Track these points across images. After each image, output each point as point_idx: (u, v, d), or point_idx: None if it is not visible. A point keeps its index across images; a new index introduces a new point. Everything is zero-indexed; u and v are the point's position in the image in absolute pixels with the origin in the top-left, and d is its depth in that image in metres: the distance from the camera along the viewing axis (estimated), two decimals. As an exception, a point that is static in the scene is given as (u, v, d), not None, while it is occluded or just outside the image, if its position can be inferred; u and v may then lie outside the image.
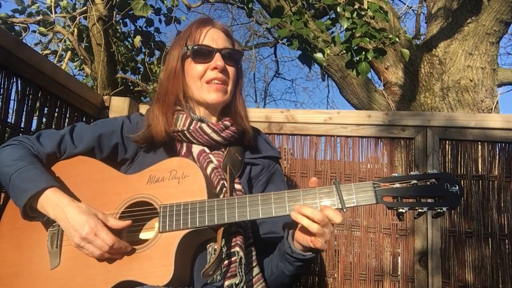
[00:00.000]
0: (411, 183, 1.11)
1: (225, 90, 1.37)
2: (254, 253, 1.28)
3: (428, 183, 1.11)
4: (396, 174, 1.14)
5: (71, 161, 1.36)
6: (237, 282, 1.17)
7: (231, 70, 1.38)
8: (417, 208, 1.10)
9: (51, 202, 1.20)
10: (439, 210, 1.09)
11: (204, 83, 1.35)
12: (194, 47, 1.35)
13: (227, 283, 1.16)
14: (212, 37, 1.37)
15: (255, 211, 1.15)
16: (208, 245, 1.22)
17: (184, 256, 1.20)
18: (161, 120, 1.33)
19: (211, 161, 1.31)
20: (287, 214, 1.14)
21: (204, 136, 1.33)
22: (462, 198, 2.03)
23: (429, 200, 1.10)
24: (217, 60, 1.34)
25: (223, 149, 1.39)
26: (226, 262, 1.18)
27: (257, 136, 1.51)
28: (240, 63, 1.44)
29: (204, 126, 1.33)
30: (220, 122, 1.38)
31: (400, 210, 1.10)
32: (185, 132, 1.33)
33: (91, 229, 1.14)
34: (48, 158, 1.33)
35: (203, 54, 1.35)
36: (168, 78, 1.39)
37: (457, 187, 1.09)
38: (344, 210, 1.12)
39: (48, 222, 1.27)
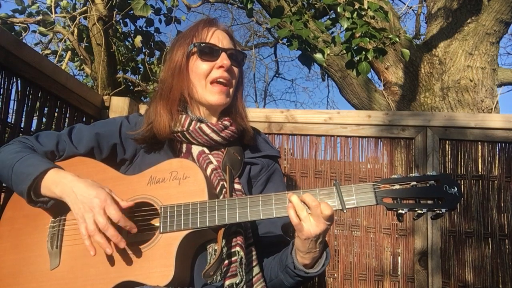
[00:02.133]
0: (411, 184, 1.12)
1: (228, 93, 1.37)
2: (254, 252, 1.28)
3: (427, 184, 1.12)
4: (396, 176, 1.14)
5: (71, 161, 1.36)
6: (237, 281, 1.17)
7: (235, 70, 1.39)
8: (416, 209, 1.10)
9: (55, 180, 1.20)
10: (438, 212, 1.09)
11: (208, 83, 1.35)
12: (202, 44, 1.35)
13: (227, 282, 1.16)
14: (218, 37, 1.38)
15: (255, 211, 1.15)
16: (208, 246, 1.22)
17: (185, 257, 1.20)
18: (166, 117, 1.32)
19: (211, 162, 1.32)
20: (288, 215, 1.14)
21: (204, 136, 1.33)
22: (462, 199, 2.03)
23: (428, 202, 1.11)
24: (223, 59, 1.34)
25: (223, 149, 1.39)
26: (226, 262, 1.18)
27: (256, 135, 1.51)
28: (242, 65, 1.45)
29: (203, 126, 1.33)
30: (220, 122, 1.38)
31: (400, 211, 1.10)
32: (185, 132, 1.33)
33: (101, 203, 1.13)
34: (46, 156, 1.33)
35: (210, 52, 1.35)
36: (172, 74, 1.38)
37: (456, 189, 1.09)
38: (345, 211, 1.13)
39: (49, 215, 1.28)
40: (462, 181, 2.05)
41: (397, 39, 2.79)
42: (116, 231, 1.13)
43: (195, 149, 1.35)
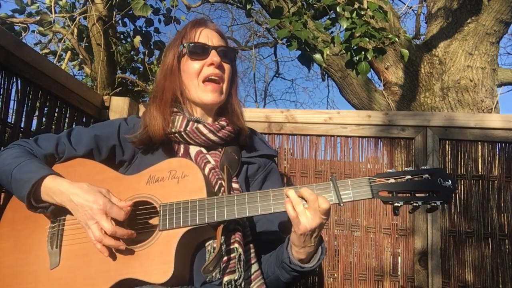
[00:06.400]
0: (406, 178, 1.14)
1: (221, 90, 1.39)
2: (252, 250, 1.29)
3: (422, 178, 1.14)
4: (391, 170, 1.17)
5: (71, 163, 1.36)
6: (236, 278, 1.18)
7: (226, 67, 1.41)
8: (411, 202, 1.12)
9: (52, 188, 1.21)
10: (433, 204, 1.12)
11: (200, 81, 1.37)
12: (190, 44, 1.37)
13: (226, 278, 1.17)
14: (207, 36, 1.41)
15: (254, 207, 1.16)
16: (207, 244, 1.23)
17: (184, 254, 1.20)
18: (159, 119, 1.34)
19: (209, 162, 1.32)
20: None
21: (201, 136, 1.34)
22: (462, 198, 2.03)
23: (423, 195, 1.13)
24: (213, 56, 1.36)
25: (220, 149, 1.40)
26: (225, 258, 1.19)
27: (252, 135, 1.53)
28: (234, 62, 1.46)
29: (200, 126, 1.34)
30: (216, 122, 1.39)
31: (396, 204, 1.13)
32: (182, 133, 1.34)
33: (101, 209, 1.15)
34: (46, 159, 1.34)
35: (199, 51, 1.37)
36: (164, 76, 1.41)
37: (450, 182, 1.12)
38: (341, 205, 1.15)
39: (49, 218, 1.28)
40: (462, 181, 2.05)
41: (397, 39, 2.79)
42: (124, 229, 1.16)
43: (193, 150, 1.36)
